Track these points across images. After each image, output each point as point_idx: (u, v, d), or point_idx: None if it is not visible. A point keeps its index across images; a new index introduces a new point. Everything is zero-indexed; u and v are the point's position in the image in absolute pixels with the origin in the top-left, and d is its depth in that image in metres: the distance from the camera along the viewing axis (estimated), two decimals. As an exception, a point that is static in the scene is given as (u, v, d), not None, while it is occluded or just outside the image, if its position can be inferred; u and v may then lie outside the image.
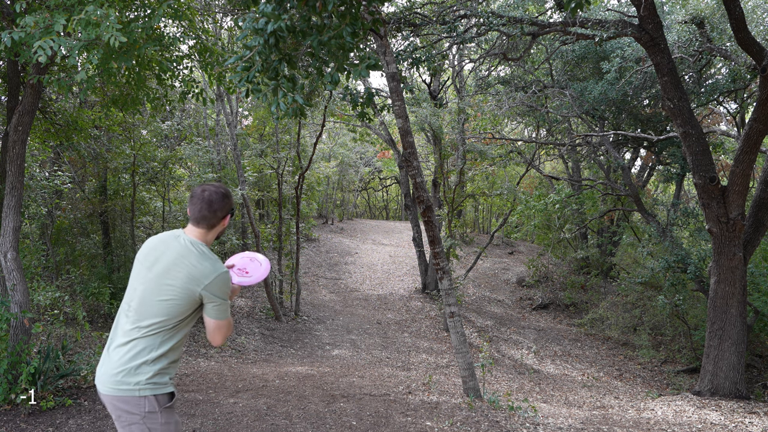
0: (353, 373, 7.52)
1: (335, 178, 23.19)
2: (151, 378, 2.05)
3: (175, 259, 2.11)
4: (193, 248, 2.14)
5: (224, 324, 2.15)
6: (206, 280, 2.08)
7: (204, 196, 2.15)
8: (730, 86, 10.24)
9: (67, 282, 8.70)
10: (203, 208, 2.15)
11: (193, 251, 2.13)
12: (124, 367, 2.05)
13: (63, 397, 4.75)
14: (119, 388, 2.04)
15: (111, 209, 9.74)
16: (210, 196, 2.15)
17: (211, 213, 2.16)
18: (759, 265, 9.32)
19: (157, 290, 2.09)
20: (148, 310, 2.09)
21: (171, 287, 2.08)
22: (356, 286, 15.57)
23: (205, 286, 2.08)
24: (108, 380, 2.07)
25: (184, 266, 2.09)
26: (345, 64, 3.20)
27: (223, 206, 2.19)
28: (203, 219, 2.16)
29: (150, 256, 2.16)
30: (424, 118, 13.54)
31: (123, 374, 2.04)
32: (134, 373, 2.04)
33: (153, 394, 2.06)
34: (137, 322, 2.09)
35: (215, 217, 2.18)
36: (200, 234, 2.19)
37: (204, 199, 2.15)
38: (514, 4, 8.98)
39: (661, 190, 20.07)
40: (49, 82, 4.49)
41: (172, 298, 2.08)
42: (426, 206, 5.62)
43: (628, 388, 8.91)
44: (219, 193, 2.17)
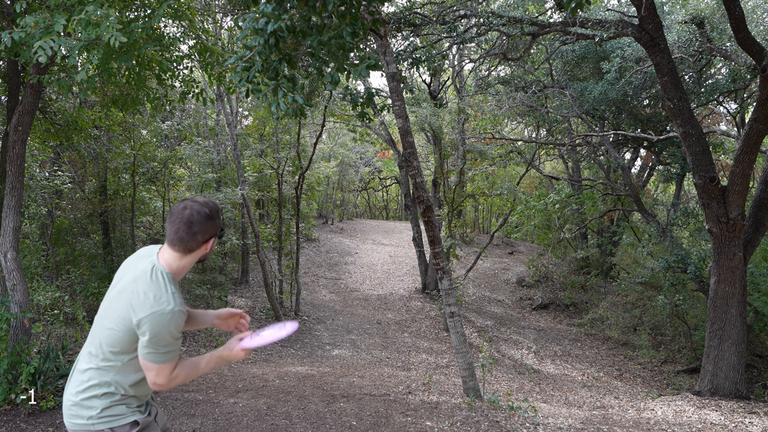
0: (353, 373, 7.52)
1: (335, 178, 23.20)
2: (105, 411, 1.86)
3: (127, 284, 1.84)
4: (150, 274, 1.83)
5: (152, 368, 1.81)
6: (141, 313, 1.76)
7: (184, 215, 1.83)
8: (730, 86, 10.24)
9: (67, 282, 8.70)
10: (181, 228, 1.83)
11: (147, 277, 1.83)
12: (76, 399, 1.87)
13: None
14: (74, 422, 1.87)
15: (111, 209, 9.74)
16: (191, 216, 1.83)
17: (190, 235, 1.84)
18: (759, 265, 9.32)
19: (105, 316, 1.86)
20: (98, 338, 1.86)
21: (114, 314, 1.83)
22: (356, 286, 15.58)
23: (139, 319, 1.77)
24: (65, 411, 1.91)
25: (130, 292, 1.81)
26: (345, 64, 3.20)
27: (206, 228, 1.86)
28: (180, 241, 1.84)
29: (119, 274, 1.95)
30: (424, 118, 13.54)
31: (76, 407, 1.87)
32: (86, 406, 1.86)
33: (109, 427, 1.86)
34: (90, 347, 1.89)
35: (194, 241, 1.85)
36: (173, 258, 1.88)
37: (183, 219, 1.83)
38: (514, 4, 8.99)
39: (661, 190, 20.07)
40: (49, 82, 4.49)
41: (113, 327, 1.82)
42: (426, 206, 5.62)
43: (628, 388, 8.91)
44: (202, 213, 1.84)
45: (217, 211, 1.92)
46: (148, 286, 1.80)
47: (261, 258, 11.30)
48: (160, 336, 1.77)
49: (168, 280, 1.84)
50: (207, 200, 1.91)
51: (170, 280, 1.85)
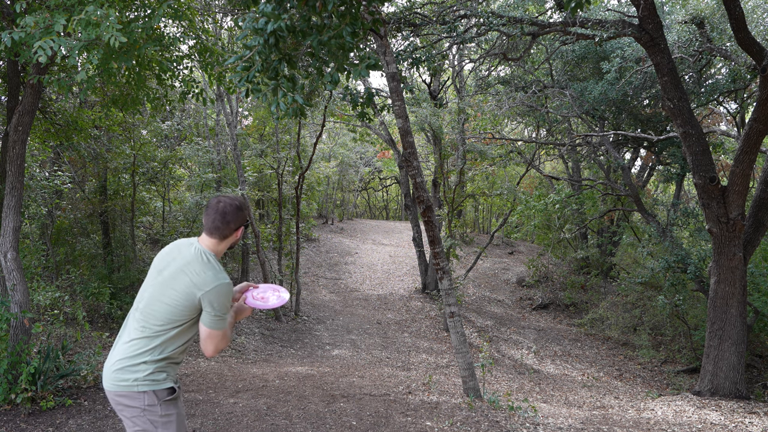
0: (353, 373, 7.52)
1: (335, 178, 23.19)
2: (149, 375, 2.14)
3: (182, 266, 2.19)
4: (200, 257, 2.21)
5: (216, 335, 2.17)
6: (206, 287, 2.14)
7: (218, 208, 2.23)
8: (730, 86, 10.24)
9: (67, 282, 8.70)
10: (216, 218, 2.23)
11: (199, 259, 2.20)
12: (123, 365, 2.15)
13: (63, 397, 4.75)
14: (118, 384, 2.14)
15: (111, 209, 9.73)
16: (224, 208, 2.23)
17: (224, 224, 2.24)
18: (759, 265, 9.32)
19: (162, 294, 2.18)
20: (152, 313, 2.17)
21: (174, 292, 2.16)
22: (356, 286, 15.58)
23: (204, 293, 2.13)
24: (109, 376, 2.17)
25: (188, 273, 2.17)
26: (345, 64, 3.20)
27: (237, 218, 2.26)
28: (216, 230, 2.24)
29: (163, 261, 2.26)
30: (424, 118, 13.54)
31: (122, 371, 2.14)
32: (133, 370, 2.14)
33: (152, 389, 2.15)
34: (142, 322, 2.19)
35: (228, 228, 2.25)
36: (212, 244, 2.27)
37: (218, 211, 2.23)
38: (514, 4, 8.98)
39: (661, 190, 20.07)
40: (49, 82, 4.49)
41: (174, 302, 2.15)
42: (426, 206, 5.62)
43: (628, 388, 8.91)
44: (233, 205, 2.25)
45: (246, 204, 2.34)
46: (204, 266, 2.18)
47: (261, 258, 11.30)
48: (222, 304, 2.16)
49: (215, 260, 2.24)
50: (236, 196, 2.34)
51: (216, 260, 2.25)
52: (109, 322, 8.41)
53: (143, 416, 2.16)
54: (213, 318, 2.15)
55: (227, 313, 2.20)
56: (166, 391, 2.18)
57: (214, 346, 2.18)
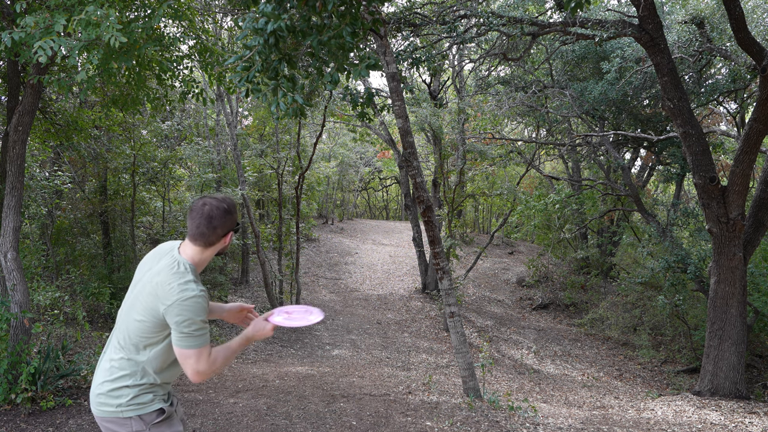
0: (353, 373, 7.52)
1: (335, 178, 23.19)
2: (132, 400, 1.97)
3: (152, 276, 1.96)
4: (172, 265, 1.95)
5: (190, 354, 1.89)
6: (167, 301, 1.87)
7: (204, 211, 1.95)
8: (730, 86, 10.24)
9: (67, 282, 8.70)
10: (202, 224, 1.95)
11: (169, 268, 1.94)
12: (105, 389, 1.98)
13: (63, 397, 4.75)
14: (102, 409, 1.99)
15: (111, 209, 9.73)
16: (210, 212, 1.95)
17: (210, 230, 1.96)
18: (759, 265, 9.32)
19: (133, 309, 1.97)
20: (126, 330, 1.98)
21: (141, 305, 1.94)
22: (356, 286, 15.57)
23: (166, 308, 1.88)
24: (93, 400, 2.02)
25: (155, 284, 1.92)
26: (345, 64, 3.20)
27: (225, 223, 1.98)
28: (201, 236, 1.97)
29: (140, 271, 2.06)
30: (424, 118, 13.54)
31: (105, 396, 1.98)
32: (115, 396, 1.97)
33: (137, 414, 1.98)
34: (118, 338, 2.01)
35: (214, 235, 1.98)
36: (195, 252, 2.00)
37: (203, 215, 1.95)
38: (514, 4, 8.98)
39: (661, 190, 20.06)
40: (49, 82, 4.49)
41: (143, 318, 1.93)
42: (426, 206, 5.62)
43: (628, 388, 8.91)
44: (221, 208, 1.97)
45: (234, 206, 2.04)
46: (171, 277, 1.91)
47: (261, 258, 11.30)
48: (190, 320, 1.87)
49: (190, 270, 1.96)
50: (225, 196, 2.03)
51: (192, 271, 1.97)
52: (109, 322, 8.41)
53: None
54: (180, 336, 1.87)
55: (199, 329, 1.89)
56: (154, 413, 1.99)
57: (192, 369, 1.90)
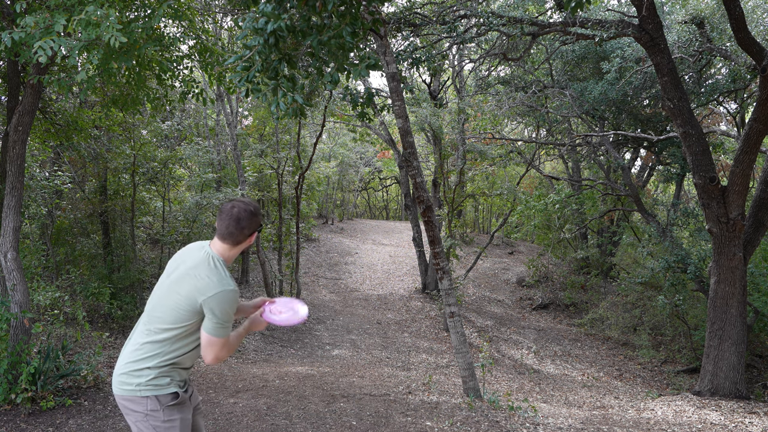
0: (353, 373, 7.52)
1: (335, 178, 23.19)
2: (151, 380, 2.15)
3: (188, 269, 2.17)
4: (208, 261, 2.18)
5: (217, 342, 2.13)
6: (209, 293, 2.10)
7: (233, 213, 2.19)
8: (730, 86, 10.24)
9: (67, 282, 8.69)
10: (231, 224, 2.18)
11: (206, 263, 2.17)
12: (128, 369, 2.17)
13: (63, 397, 4.75)
14: (123, 388, 2.16)
15: (111, 209, 9.73)
16: (239, 213, 2.19)
17: (239, 230, 2.20)
18: (759, 265, 9.32)
19: (167, 298, 2.17)
20: (157, 316, 2.17)
21: (178, 296, 2.14)
22: (356, 286, 15.57)
23: (206, 299, 2.10)
24: (116, 379, 2.19)
25: (193, 277, 2.14)
26: (345, 64, 3.20)
27: (251, 224, 2.22)
28: (230, 235, 2.20)
29: (172, 265, 2.26)
30: (424, 118, 13.54)
31: (126, 375, 2.16)
32: (136, 375, 2.15)
33: (154, 394, 2.15)
34: (148, 325, 2.19)
35: (242, 234, 2.21)
36: (224, 249, 2.23)
37: (233, 216, 2.18)
38: (514, 4, 8.98)
39: (661, 190, 20.06)
40: (49, 82, 4.49)
41: (177, 306, 2.14)
42: (426, 206, 5.62)
43: (628, 388, 8.91)
44: (248, 210, 2.20)
45: (259, 209, 2.29)
46: (210, 271, 2.14)
47: (261, 258, 11.30)
48: (225, 311, 2.11)
49: (223, 265, 2.20)
50: (250, 200, 2.29)
51: (225, 266, 2.21)
52: (109, 322, 8.41)
53: (146, 421, 2.17)
54: (214, 325, 2.12)
55: (230, 321, 2.16)
56: (169, 396, 2.18)
57: (214, 354, 2.15)
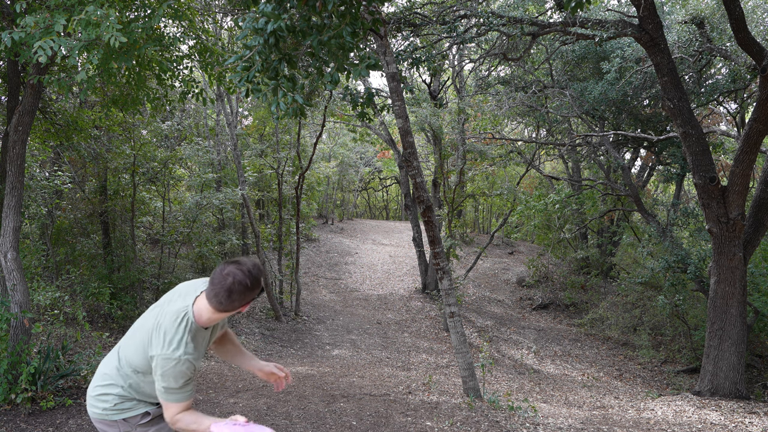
0: (353, 373, 7.52)
1: (335, 178, 23.19)
2: (117, 405, 2.10)
3: (157, 315, 2.00)
4: (176, 317, 1.95)
5: (171, 408, 1.95)
6: (153, 351, 1.93)
7: (225, 284, 1.88)
8: (730, 86, 10.24)
9: (67, 282, 8.69)
10: (220, 293, 1.89)
11: (172, 319, 1.95)
12: (95, 393, 2.13)
13: (63, 397, 4.75)
14: (93, 410, 2.14)
15: (111, 209, 9.72)
16: (231, 285, 1.87)
17: (229, 302, 1.90)
18: (759, 265, 9.32)
19: (134, 336, 2.07)
20: (126, 350, 2.09)
21: (139, 338, 2.03)
22: (356, 286, 15.57)
23: (151, 356, 1.95)
24: (88, 401, 2.17)
25: (155, 325, 1.97)
26: (345, 64, 3.20)
27: (244, 298, 1.91)
28: (219, 303, 1.92)
29: (164, 298, 2.12)
30: (424, 118, 13.54)
31: (94, 399, 2.13)
32: (102, 400, 2.11)
33: (122, 418, 2.11)
34: (120, 350, 2.13)
35: (231, 306, 1.92)
36: (208, 311, 1.96)
37: (225, 286, 1.88)
38: (514, 4, 8.99)
39: (661, 190, 20.06)
40: (49, 82, 4.49)
41: (137, 350, 2.02)
42: (426, 206, 5.62)
43: (628, 388, 8.91)
44: (243, 284, 1.88)
45: (259, 280, 1.93)
46: (168, 328, 1.93)
47: (261, 258, 11.30)
48: (167, 376, 1.91)
49: (189, 329, 1.95)
50: (251, 268, 1.91)
51: (191, 330, 1.95)
52: (109, 322, 8.40)
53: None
54: (159, 387, 1.94)
55: (179, 388, 1.92)
56: (139, 416, 2.12)
57: (169, 416, 1.97)
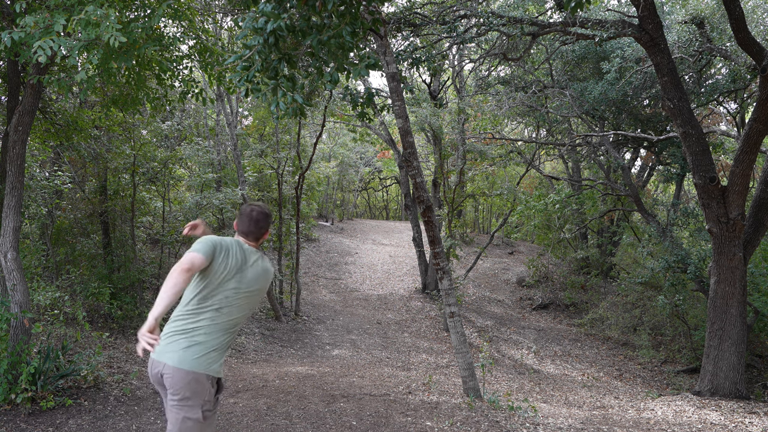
0: (353, 373, 7.52)
1: (335, 178, 23.19)
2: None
3: (256, 268, 2.80)
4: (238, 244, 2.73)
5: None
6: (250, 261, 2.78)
7: (252, 216, 2.74)
8: (730, 86, 10.24)
9: (67, 282, 8.69)
10: (251, 225, 2.74)
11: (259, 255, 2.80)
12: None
13: (63, 397, 4.75)
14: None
15: (111, 209, 9.72)
16: (257, 216, 2.74)
17: (257, 229, 2.76)
18: (759, 265, 9.32)
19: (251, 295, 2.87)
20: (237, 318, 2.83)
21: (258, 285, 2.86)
22: (356, 286, 15.57)
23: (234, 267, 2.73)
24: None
25: (262, 269, 2.83)
26: (345, 63, 3.20)
27: (267, 224, 2.79)
28: (250, 233, 2.75)
29: (237, 262, 2.80)
30: (424, 118, 13.53)
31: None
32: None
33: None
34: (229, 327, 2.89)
35: (260, 233, 2.77)
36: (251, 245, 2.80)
37: (252, 219, 2.73)
38: (514, 4, 8.98)
39: (661, 190, 20.06)
40: (49, 82, 4.49)
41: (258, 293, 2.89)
42: (426, 206, 5.62)
43: (628, 388, 8.91)
44: (263, 213, 2.77)
45: (270, 211, 2.85)
46: (265, 262, 2.80)
47: (261, 258, 11.26)
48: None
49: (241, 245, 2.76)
50: (263, 205, 2.84)
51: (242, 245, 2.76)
52: (109, 322, 8.40)
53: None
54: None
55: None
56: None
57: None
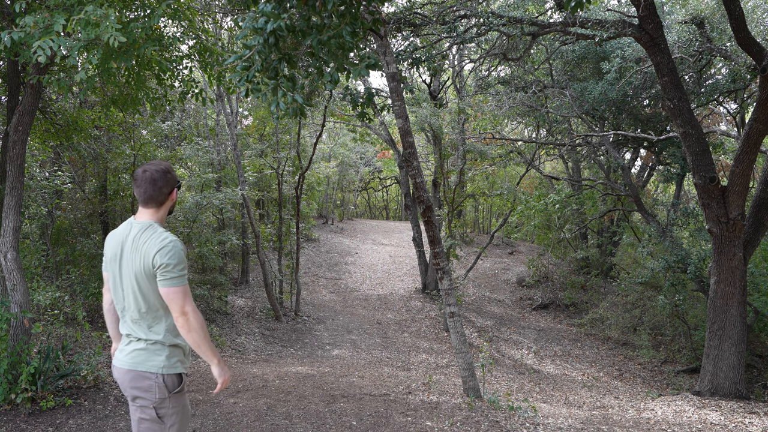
0: (353, 373, 7.52)
1: (335, 178, 23.19)
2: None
3: (131, 245, 2.25)
4: (142, 230, 2.23)
5: (176, 291, 2.19)
6: (154, 249, 2.18)
7: (146, 177, 2.23)
8: (730, 86, 10.24)
9: (67, 282, 8.68)
10: (148, 188, 2.23)
11: (141, 232, 2.23)
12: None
13: (63, 397, 4.75)
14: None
15: (111, 209, 9.72)
16: (152, 176, 2.23)
17: (157, 191, 2.25)
18: (759, 265, 9.32)
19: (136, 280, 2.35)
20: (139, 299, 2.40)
21: (136, 270, 2.29)
22: (356, 286, 15.57)
23: (155, 253, 2.17)
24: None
25: (137, 248, 2.22)
26: (345, 63, 3.20)
27: (167, 182, 2.27)
28: (150, 199, 2.25)
29: (112, 251, 2.37)
30: (424, 118, 13.53)
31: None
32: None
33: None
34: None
35: (161, 194, 2.27)
36: (150, 214, 2.28)
37: (147, 180, 2.23)
38: (514, 4, 8.98)
39: (661, 190, 20.06)
40: (49, 82, 4.49)
41: (147, 292, 2.34)
42: (426, 206, 5.62)
43: (628, 388, 8.91)
44: (160, 170, 2.25)
45: (170, 167, 2.34)
46: (147, 236, 2.20)
47: (261, 258, 11.30)
48: (178, 258, 2.17)
49: (157, 226, 2.25)
50: (160, 160, 2.36)
51: (159, 226, 2.26)
52: (109, 322, 8.39)
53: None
54: (164, 277, 2.21)
55: (183, 270, 2.21)
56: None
57: (179, 307, 2.19)
